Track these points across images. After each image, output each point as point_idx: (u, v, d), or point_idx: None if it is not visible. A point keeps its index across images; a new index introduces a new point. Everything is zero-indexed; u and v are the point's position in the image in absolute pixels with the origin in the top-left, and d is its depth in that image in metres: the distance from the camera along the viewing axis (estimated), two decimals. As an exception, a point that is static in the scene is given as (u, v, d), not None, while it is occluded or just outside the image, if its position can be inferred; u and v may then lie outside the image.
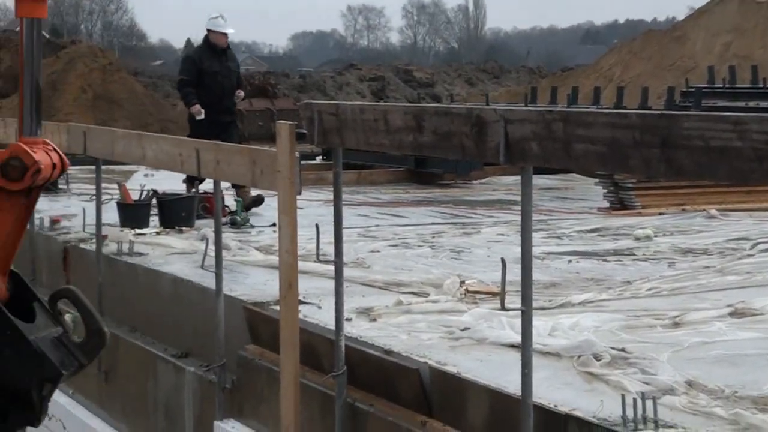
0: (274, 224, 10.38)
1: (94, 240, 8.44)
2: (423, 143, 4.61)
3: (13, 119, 11.87)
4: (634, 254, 8.58)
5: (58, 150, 3.44)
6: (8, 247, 3.37)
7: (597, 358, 5.08)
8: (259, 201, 11.25)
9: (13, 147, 3.30)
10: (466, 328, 5.80)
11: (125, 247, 8.86)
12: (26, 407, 3.24)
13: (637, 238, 9.30)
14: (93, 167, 8.68)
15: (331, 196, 6.17)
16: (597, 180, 12.62)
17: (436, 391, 5.08)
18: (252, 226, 10.52)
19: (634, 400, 4.30)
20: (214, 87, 11.49)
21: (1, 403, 3.27)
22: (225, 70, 11.60)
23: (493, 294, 6.68)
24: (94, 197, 8.11)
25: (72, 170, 12.80)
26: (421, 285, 7.10)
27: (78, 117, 23.64)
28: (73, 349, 3.31)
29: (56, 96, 26.92)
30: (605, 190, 12.07)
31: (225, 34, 11.62)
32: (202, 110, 11.54)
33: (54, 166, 3.41)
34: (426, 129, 4.54)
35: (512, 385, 4.62)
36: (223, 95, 11.52)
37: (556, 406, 4.47)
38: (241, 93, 11.84)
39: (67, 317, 3.46)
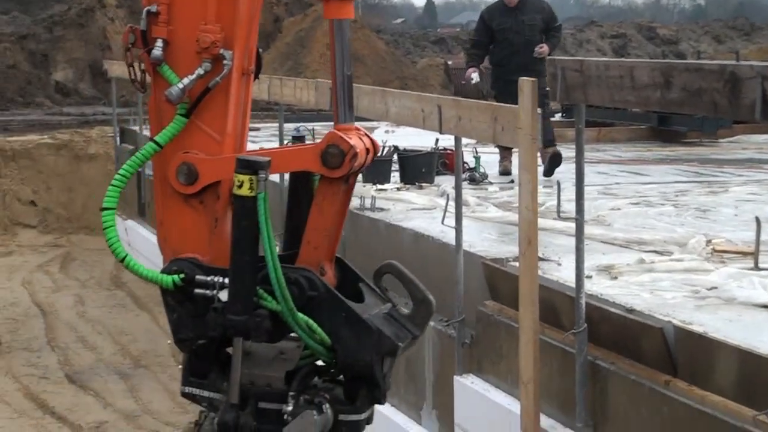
0: (512, 181, 10.37)
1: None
2: (671, 100, 4.50)
3: (266, 76, 12.23)
4: None
5: (369, 135, 3.52)
6: (333, 234, 3.47)
7: None
8: (557, 159, 10.80)
9: (330, 135, 3.38)
10: (713, 288, 5.64)
11: (367, 203, 9.04)
12: (370, 386, 3.33)
13: None
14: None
15: (570, 153, 6.09)
16: None
17: (681, 351, 4.97)
18: (491, 183, 10.53)
19: None
20: (504, 44, 11.04)
21: (347, 385, 3.36)
22: (517, 25, 11.01)
23: (743, 254, 6.46)
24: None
25: (317, 126, 13.14)
26: (664, 243, 6.94)
27: (324, 73, 24.13)
28: (404, 322, 3.35)
29: (304, 53, 27.61)
30: None
31: None
32: (474, 74, 11.24)
33: (367, 150, 3.48)
34: (674, 85, 4.43)
35: (765, 346, 4.48)
36: (513, 52, 10.97)
37: (812, 368, 4.29)
38: (543, 48, 10.92)
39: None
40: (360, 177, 10.07)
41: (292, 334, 3.38)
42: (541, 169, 10.83)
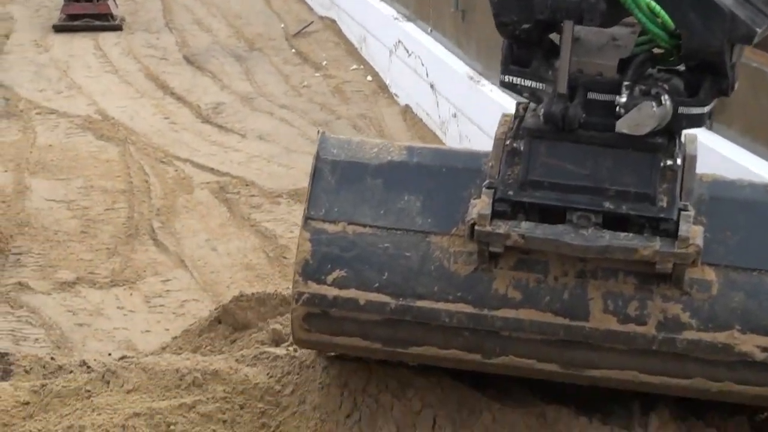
0: None
1: None
2: None
3: None
4: None
5: None
6: None
7: None
8: None
9: None
10: None
11: None
12: (716, 76, 3.04)
13: None
14: None
15: None
16: None
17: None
18: None
19: None
20: None
21: (689, 75, 3.07)
22: None
23: None
24: None
25: None
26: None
27: None
28: (761, 6, 3.01)
29: None
30: None
31: None
32: None
33: None
34: None
35: None
36: None
37: None
38: None
39: None
40: None
41: (627, 19, 3.09)
42: None
